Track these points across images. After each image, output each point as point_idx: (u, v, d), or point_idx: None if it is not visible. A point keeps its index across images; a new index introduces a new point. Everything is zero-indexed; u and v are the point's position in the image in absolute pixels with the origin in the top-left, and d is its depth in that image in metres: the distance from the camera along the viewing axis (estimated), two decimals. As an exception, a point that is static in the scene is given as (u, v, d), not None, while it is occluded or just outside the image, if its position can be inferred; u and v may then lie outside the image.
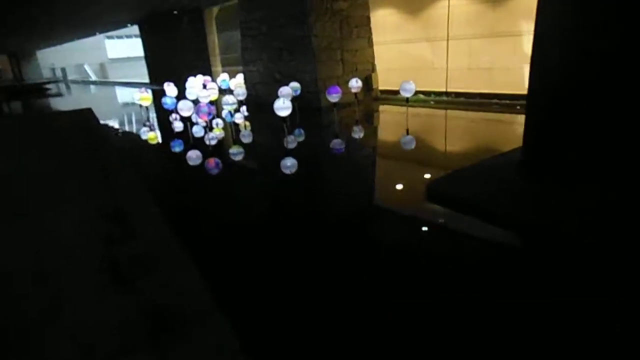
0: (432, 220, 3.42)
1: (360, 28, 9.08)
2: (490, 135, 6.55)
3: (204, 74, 12.78)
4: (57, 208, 3.28)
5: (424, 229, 3.26)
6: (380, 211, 3.75)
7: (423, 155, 5.54)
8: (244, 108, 9.57)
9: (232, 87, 10.73)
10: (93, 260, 2.34)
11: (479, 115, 7.91)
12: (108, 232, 2.69)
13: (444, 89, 8.83)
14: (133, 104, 10.74)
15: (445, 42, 9.34)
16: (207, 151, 6.28)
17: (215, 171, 5.54)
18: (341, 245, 3.04)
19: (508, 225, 3.17)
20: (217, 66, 15.20)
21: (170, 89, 10.01)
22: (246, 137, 7.29)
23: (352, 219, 3.57)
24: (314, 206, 3.99)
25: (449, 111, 8.22)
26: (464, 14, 9.22)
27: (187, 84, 11.00)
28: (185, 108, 6.83)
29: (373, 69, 9.43)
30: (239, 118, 8.71)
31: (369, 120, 8.20)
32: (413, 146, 5.83)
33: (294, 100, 7.32)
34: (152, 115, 10.37)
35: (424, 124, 7.47)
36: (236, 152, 6.43)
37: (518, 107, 7.87)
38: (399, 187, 4.24)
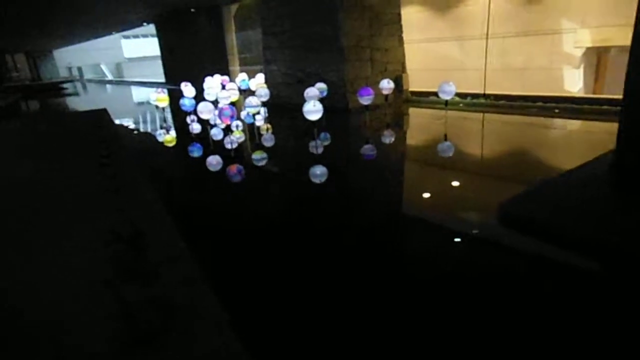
0: (510, 248, 2.82)
1: (390, 26, 8.49)
2: (538, 141, 5.91)
3: (221, 74, 12.31)
4: (62, 235, 2.76)
5: (497, 258, 2.66)
6: (433, 233, 3.15)
7: (472, 164, 4.94)
8: (263, 110, 9.07)
9: (252, 88, 10.22)
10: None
11: (518, 119, 7.26)
12: (119, 270, 2.16)
13: (481, 91, 8.20)
14: (148, 103, 10.32)
15: (483, 41, 8.72)
16: (228, 156, 5.77)
17: (237, 178, 5.03)
18: (399, 282, 2.47)
19: (609, 257, 2.56)
20: (235, 66, 14.73)
21: (188, 90, 9.53)
22: (268, 141, 6.76)
23: (401, 247, 2.99)
24: (349, 224, 3.42)
25: (487, 115, 7.58)
26: (502, 10, 8.61)
27: (205, 85, 10.53)
28: (205, 110, 6.33)
29: (403, 69, 8.83)
30: (259, 120, 8.19)
31: (402, 124, 7.61)
32: (456, 153, 5.24)
33: (320, 102, 6.78)
34: (168, 116, 9.90)
35: (464, 129, 6.84)
36: (259, 158, 5.90)
37: (557, 111, 7.23)
38: (457, 203, 3.64)
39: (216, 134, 7.13)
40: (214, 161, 5.64)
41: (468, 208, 3.55)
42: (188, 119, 8.76)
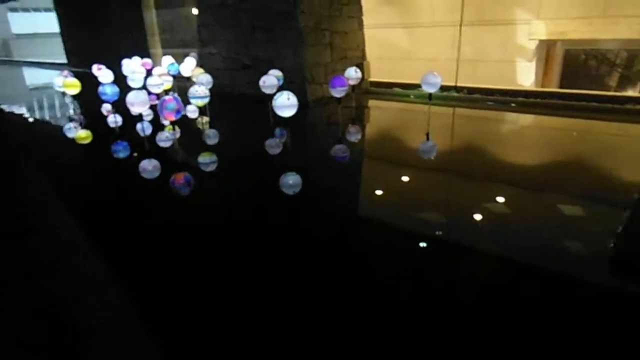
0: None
1: (350, 6, 7.45)
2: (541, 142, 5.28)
3: (141, 57, 10.45)
4: None
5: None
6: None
7: (487, 172, 4.12)
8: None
9: (184, 74, 8.63)
10: None
11: (496, 115, 6.69)
12: None
13: (452, 83, 7.51)
14: (46, 87, 8.36)
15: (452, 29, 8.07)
16: (166, 159, 4.50)
17: (184, 191, 3.84)
18: None
19: None
20: (156, 47, 12.76)
21: (104, 75, 7.76)
22: (212, 138, 5.48)
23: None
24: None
25: (460, 110, 6.89)
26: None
27: (126, 68, 8.76)
28: (137, 102, 4.83)
29: (363, 56, 7.86)
30: (191, 111, 6.76)
31: (379, 122, 6.68)
32: (455, 156, 4.41)
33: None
34: (70, 104, 8.01)
35: (450, 127, 6.05)
36: (208, 162, 4.66)
37: (513, 105, 6.77)
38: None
39: (142, 128, 5.70)
40: (149, 166, 4.31)
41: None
42: (104, 110, 7.09)
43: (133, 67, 8.87)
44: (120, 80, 7.52)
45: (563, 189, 3.62)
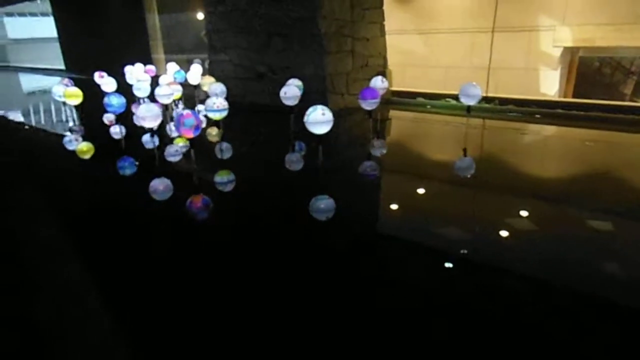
0: None
1: (372, 11, 6.97)
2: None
3: (144, 63, 9.94)
4: None
5: None
6: None
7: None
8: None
9: (191, 82, 8.13)
10: None
11: (531, 127, 6.20)
12: None
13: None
14: (44, 92, 7.87)
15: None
16: (180, 178, 4.06)
17: (202, 216, 3.43)
18: None
19: None
20: (158, 53, 12.26)
21: (107, 83, 7.24)
22: (226, 152, 5.01)
23: None
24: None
25: (490, 122, 6.39)
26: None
27: (129, 76, 8.26)
28: (150, 116, 4.32)
29: (385, 64, 7.38)
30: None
31: (397, 133, 6.18)
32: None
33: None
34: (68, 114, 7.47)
35: (489, 141, 5.54)
36: (226, 181, 4.18)
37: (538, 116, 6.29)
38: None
39: (148, 141, 5.28)
40: (160, 186, 3.85)
41: None
42: (106, 119, 6.62)
43: (137, 74, 8.37)
44: (123, 88, 7.05)
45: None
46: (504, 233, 2.96)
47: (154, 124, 4.43)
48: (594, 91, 9.51)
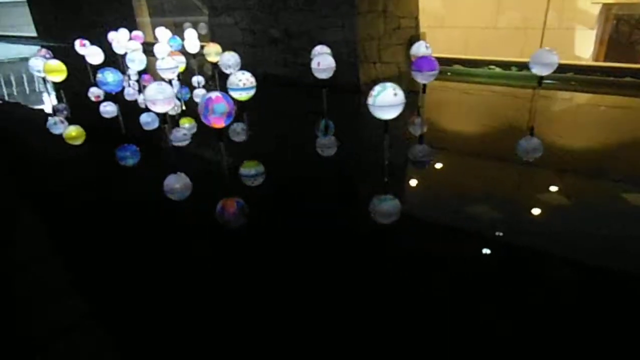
0: None
1: (402, -38, 5.95)
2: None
3: (129, 29, 8.73)
4: None
5: None
6: None
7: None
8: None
9: (189, 50, 7.05)
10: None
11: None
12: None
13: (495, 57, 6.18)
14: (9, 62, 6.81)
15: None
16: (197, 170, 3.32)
17: (234, 223, 2.75)
18: None
19: None
20: (143, 16, 10.93)
21: (92, 53, 6.17)
22: (241, 135, 4.17)
23: None
24: None
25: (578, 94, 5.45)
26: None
27: (117, 44, 7.15)
28: (161, 99, 3.38)
29: (417, 27, 6.41)
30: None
31: (442, 107, 5.30)
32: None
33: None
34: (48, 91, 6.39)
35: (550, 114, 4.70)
36: (254, 173, 3.36)
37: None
38: None
39: (147, 121, 4.64)
40: (176, 183, 3.05)
41: None
42: (91, 95, 5.72)
43: (123, 42, 7.26)
44: (110, 59, 6.07)
45: None
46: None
47: (167, 108, 3.50)
48: (623, 53, 8.72)
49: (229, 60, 4.98)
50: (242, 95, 3.82)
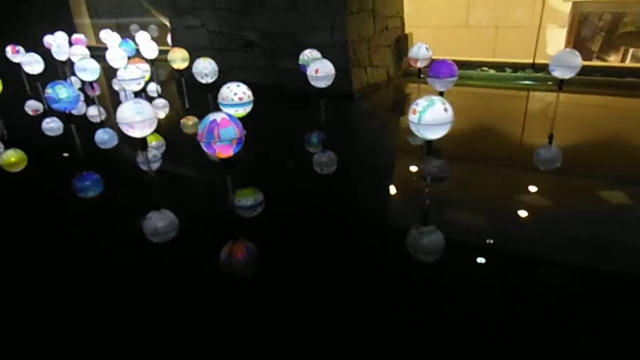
0: None
1: (387, -43, 5.44)
2: None
3: (68, 32, 7.64)
4: None
5: None
6: None
7: None
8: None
9: (145, 55, 6.16)
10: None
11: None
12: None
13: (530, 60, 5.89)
14: None
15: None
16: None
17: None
18: None
19: None
20: (82, 17, 9.71)
21: (30, 62, 5.22)
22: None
23: None
24: None
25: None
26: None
27: (58, 49, 6.14)
28: (139, 122, 2.63)
29: (403, 27, 5.94)
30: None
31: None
32: None
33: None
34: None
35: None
36: (253, 204, 2.72)
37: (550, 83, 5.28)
38: None
39: (106, 139, 4.00)
40: (162, 224, 2.46)
41: None
42: (28, 108, 4.85)
43: (65, 47, 6.26)
44: (50, 67, 5.17)
45: None
46: None
47: (147, 132, 2.75)
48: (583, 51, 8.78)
49: (206, 68, 4.25)
50: (239, 112, 3.12)
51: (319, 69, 3.81)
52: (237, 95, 3.07)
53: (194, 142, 2.47)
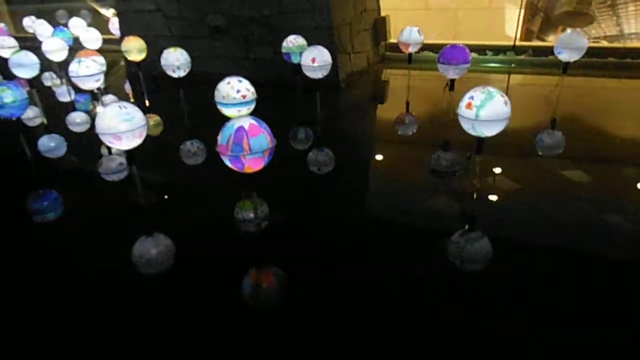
0: None
1: None
2: None
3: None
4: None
5: None
6: None
7: None
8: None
9: (87, 45, 5.32)
10: None
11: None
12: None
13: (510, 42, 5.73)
14: None
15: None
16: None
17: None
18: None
19: None
20: (-3, 3, 8.39)
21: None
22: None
23: None
24: None
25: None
26: None
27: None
28: (126, 131, 2.08)
29: (379, 9, 5.56)
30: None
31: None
32: None
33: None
34: None
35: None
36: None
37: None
38: None
39: (52, 147, 3.48)
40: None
41: None
42: None
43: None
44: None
45: None
46: None
47: (136, 143, 2.19)
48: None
49: (177, 59, 3.66)
50: (242, 112, 2.61)
51: (316, 58, 3.36)
52: (240, 93, 2.55)
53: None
